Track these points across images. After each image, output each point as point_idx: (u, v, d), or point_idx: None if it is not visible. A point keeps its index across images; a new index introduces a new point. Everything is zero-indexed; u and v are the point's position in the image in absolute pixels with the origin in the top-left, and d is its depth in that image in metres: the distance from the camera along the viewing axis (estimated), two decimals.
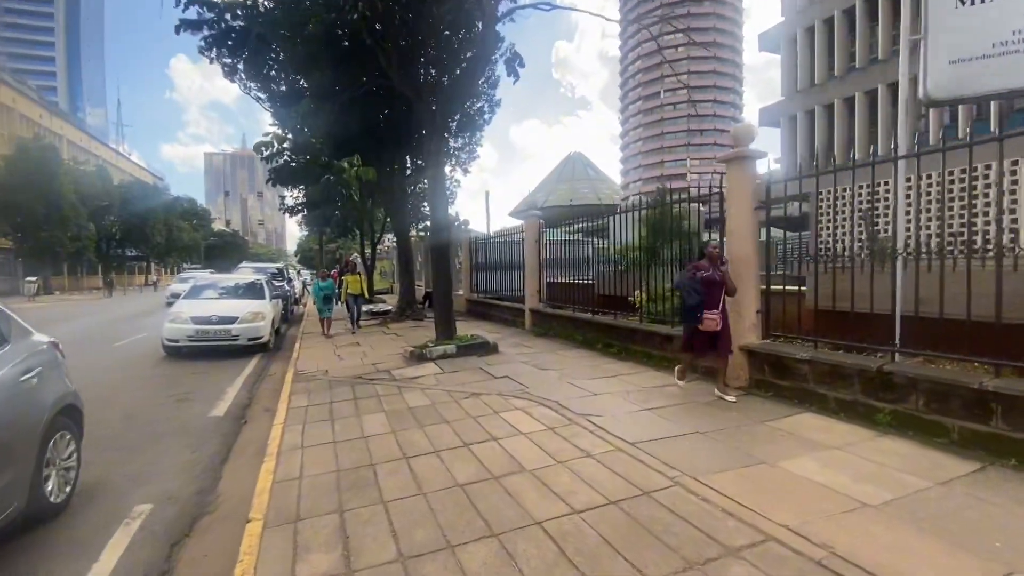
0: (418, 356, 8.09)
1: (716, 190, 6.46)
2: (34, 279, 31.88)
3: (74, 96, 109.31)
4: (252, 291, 11.23)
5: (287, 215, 21.28)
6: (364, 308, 16.91)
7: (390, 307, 16.70)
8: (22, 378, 3.23)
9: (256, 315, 10.00)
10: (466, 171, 18.26)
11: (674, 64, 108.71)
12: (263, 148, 7.80)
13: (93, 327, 14.88)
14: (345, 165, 7.78)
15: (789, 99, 25.36)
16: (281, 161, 7.97)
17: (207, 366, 8.89)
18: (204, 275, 21.03)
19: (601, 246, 10.56)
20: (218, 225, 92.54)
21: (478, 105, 14.47)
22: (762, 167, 5.84)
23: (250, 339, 9.75)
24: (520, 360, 7.86)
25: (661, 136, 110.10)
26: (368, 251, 22.98)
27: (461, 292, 15.73)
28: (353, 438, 4.69)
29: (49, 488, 3.34)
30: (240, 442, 5.15)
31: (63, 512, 3.52)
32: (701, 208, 8.87)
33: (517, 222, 27.61)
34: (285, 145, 7.69)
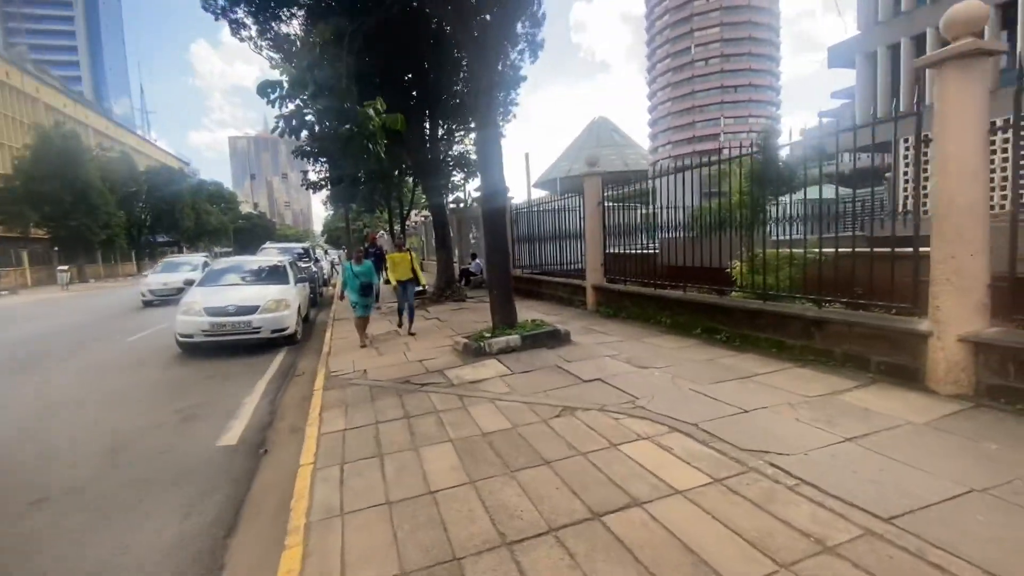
0: (475, 350, 6.53)
1: (912, 111, 4.50)
2: (66, 268, 31.61)
3: (98, 86, 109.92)
4: (275, 275, 9.79)
5: (311, 191, 19.80)
6: None
7: (426, 287, 15.22)
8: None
9: (279, 303, 8.59)
10: (501, 134, 16.38)
11: (705, 15, 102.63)
12: (268, 90, 6.17)
13: (111, 318, 13.85)
14: (371, 113, 6.08)
15: (867, 33, 22.21)
16: (291, 106, 6.36)
17: (224, 366, 7.54)
18: (193, 258, 19.83)
19: (647, 211, 8.94)
20: (245, 208, 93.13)
21: (518, 48, 12.48)
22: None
23: (274, 331, 8.37)
24: (605, 353, 6.20)
25: (692, 95, 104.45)
26: (397, 227, 21.48)
27: None
28: (415, 495, 3.15)
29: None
30: (256, 492, 3.69)
31: None
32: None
33: (542, 192, 25.51)
34: (296, 91, 6.11)
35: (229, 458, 4.27)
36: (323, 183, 20.15)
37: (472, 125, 15.56)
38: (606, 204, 9.40)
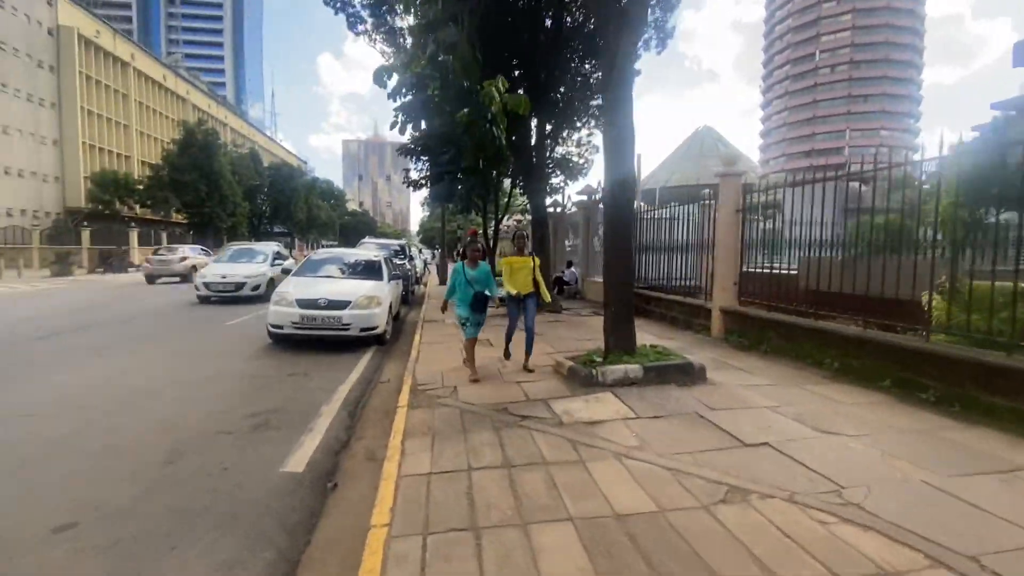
0: (584, 377, 5.36)
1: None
2: None
3: (239, 91, 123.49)
4: (369, 270, 9.33)
5: (411, 188, 19.81)
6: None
7: (555, 303, 14.34)
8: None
9: (371, 300, 8.02)
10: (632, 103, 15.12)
11: (835, 19, 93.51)
12: (384, 75, 5.50)
13: (219, 302, 14.36)
14: (493, 93, 5.17)
15: None
16: (409, 96, 5.66)
17: (310, 362, 7.04)
18: (267, 246, 16.14)
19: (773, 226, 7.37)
20: (351, 205, 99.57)
21: (644, 37, 11.23)
22: None
23: (363, 329, 7.80)
24: (761, 403, 4.75)
25: (813, 104, 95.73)
26: (491, 230, 20.89)
27: (600, 279, 12.80)
28: None
29: None
30: (314, 551, 2.80)
31: None
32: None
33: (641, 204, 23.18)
34: (417, 71, 5.42)
35: (292, 492, 3.46)
36: (423, 181, 20.11)
37: (578, 125, 14.50)
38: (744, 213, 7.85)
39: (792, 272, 7.13)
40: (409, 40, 12.17)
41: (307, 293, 7.86)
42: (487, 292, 5.85)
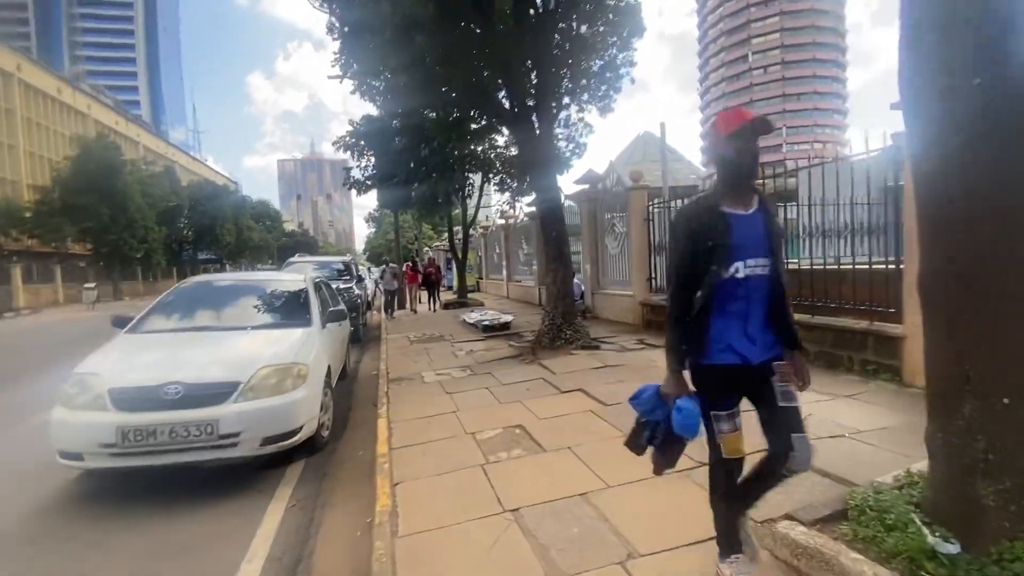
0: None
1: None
2: (92, 286, 29.06)
3: (156, 110, 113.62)
4: (285, 309, 5.16)
5: (355, 191, 15.99)
6: (472, 319, 11.09)
7: (511, 318, 10.74)
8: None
9: (286, 374, 3.95)
10: (605, 110, 11.88)
11: (765, 21, 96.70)
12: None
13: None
14: None
15: None
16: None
17: (169, 520, 3.24)
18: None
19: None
20: (290, 226, 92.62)
21: None
22: None
23: (268, 439, 3.72)
24: None
25: (751, 104, 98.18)
26: (459, 236, 17.30)
27: (631, 292, 9.46)
28: None
29: None
30: None
31: None
32: None
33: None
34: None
35: None
36: (368, 182, 16.29)
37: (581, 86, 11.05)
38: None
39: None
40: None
41: (138, 373, 3.74)
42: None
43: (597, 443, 3.81)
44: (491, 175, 15.34)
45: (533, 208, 15.72)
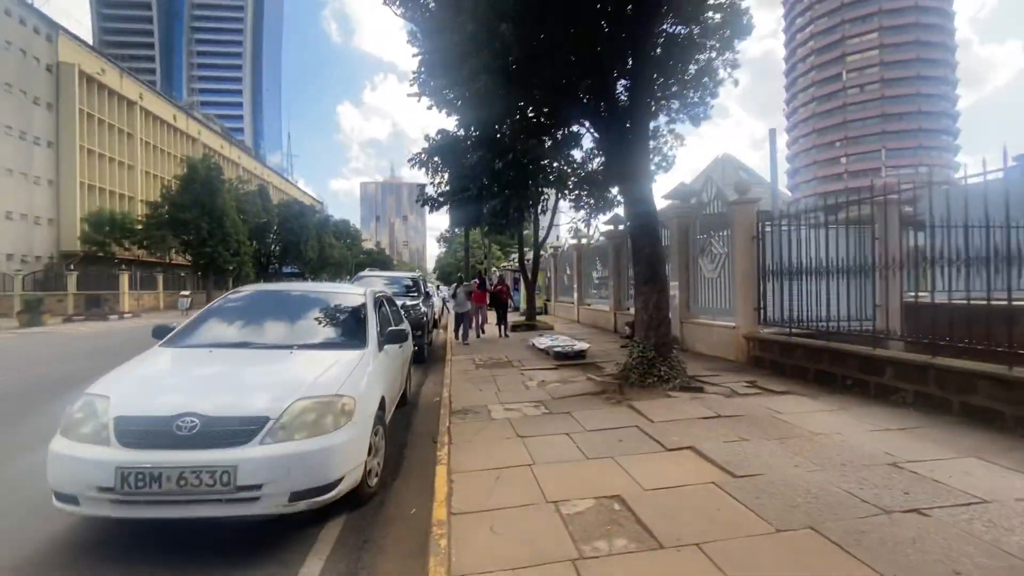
0: None
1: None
2: (187, 293, 31.08)
3: (257, 136, 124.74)
4: (336, 327, 4.41)
5: (428, 208, 15.69)
6: (543, 344, 10.08)
7: (587, 345, 9.62)
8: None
9: (325, 408, 3.13)
10: (698, 119, 10.66)
11: (862, 38, 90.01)
12: None
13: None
14: None
15: None
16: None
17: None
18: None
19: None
20: (368, 245, 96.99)
21: None
22: None
23: (297, 494, 2.88)
24: None
25: (844, 125, 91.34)
26: (529, 256, 16.47)
27: (733, 323, 8.07)
28: None
29: None
30: None
31: None
32: None
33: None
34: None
35: None
36: (441, 199, 15.93)
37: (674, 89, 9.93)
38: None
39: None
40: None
41: (152, 399, 3.07)
42: None
43: (733, 538, 2.68)
44: (566, 191, 14.43)
45: (610, 227, 14.64)
